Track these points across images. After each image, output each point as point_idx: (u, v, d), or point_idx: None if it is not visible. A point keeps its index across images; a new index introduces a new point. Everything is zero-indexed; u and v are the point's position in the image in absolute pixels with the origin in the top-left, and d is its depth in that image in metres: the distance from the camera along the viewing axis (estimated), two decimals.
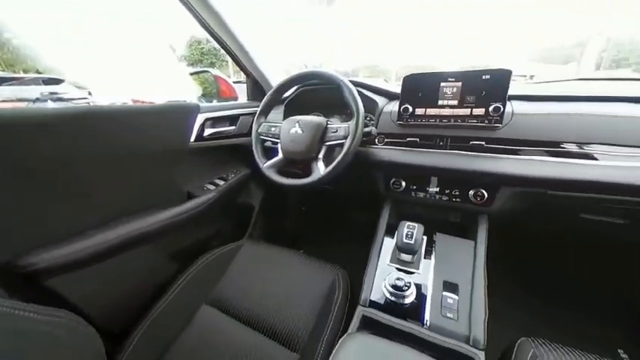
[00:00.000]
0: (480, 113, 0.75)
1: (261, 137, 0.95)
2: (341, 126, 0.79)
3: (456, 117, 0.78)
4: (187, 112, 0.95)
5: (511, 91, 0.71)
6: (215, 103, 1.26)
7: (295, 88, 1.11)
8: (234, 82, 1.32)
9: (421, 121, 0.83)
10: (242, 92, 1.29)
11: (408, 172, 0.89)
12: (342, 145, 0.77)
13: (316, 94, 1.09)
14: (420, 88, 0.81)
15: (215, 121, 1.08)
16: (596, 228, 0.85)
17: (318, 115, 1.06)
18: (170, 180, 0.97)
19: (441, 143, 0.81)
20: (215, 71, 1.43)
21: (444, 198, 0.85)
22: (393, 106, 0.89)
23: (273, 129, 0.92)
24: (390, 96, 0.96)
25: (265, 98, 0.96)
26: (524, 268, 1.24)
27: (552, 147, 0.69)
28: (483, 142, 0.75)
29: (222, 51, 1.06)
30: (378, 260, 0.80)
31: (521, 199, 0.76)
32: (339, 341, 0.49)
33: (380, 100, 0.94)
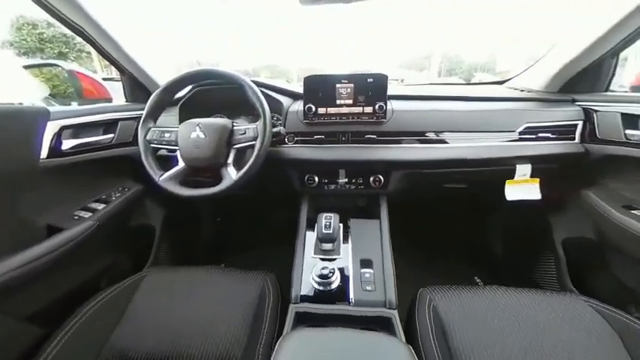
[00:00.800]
0: (370, 111, 0.88)
1: (153, 145, 0.80)
2: (249, 127, 0.76)
3: (353, 114, 0.89)
4: (28, 119, 0.70)
5: (390, 92, 0.87)
6: (76, 106, 0.97)
7: (190, 87, 1.00)
8: (103, 79, 1.05)
9: (324, 119, 0.90)
10: (118, 92, 1.05)
11: (320, 168, 0.95)
12: (252, 147, 0.74)
13: (215, 94, 1.01)
14: (319, 89, 0.88)
15: (79, 130, 0.84)
16: (453, 193, 1.15)
17: (221, 117, 0.98)
18: (14, 213, 0.70)
19: (344, 138, 0.91)
20: (70, 65, 1.10)
21: (352, 187, 0.96)
22: (299, 106, 0.93)
23: (167, 135, 0.79)
24: (293, 96, 0.99)
25: (151, 99, 0.81)
26: (416, 233, 1.55)
27: (420, 136, 0.89)
28: (375, 135, 0.89)
29: (80, 39, 0.83)
30: (303, 255, 0.82)
31: (406, 179, 0.94)
32: (275, 345, 0.48)
33: (284, 100, 0.96)
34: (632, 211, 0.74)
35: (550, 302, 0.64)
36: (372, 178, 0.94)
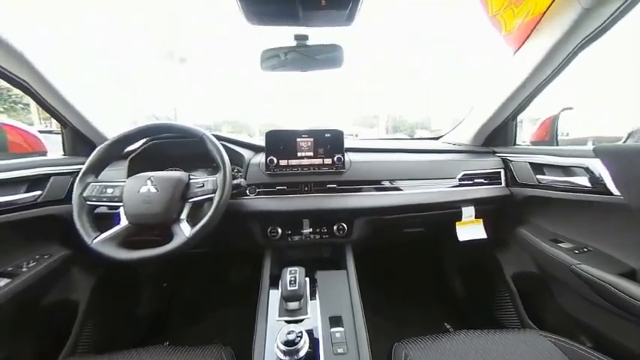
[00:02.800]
0: (329, 162, 0.93)
1: (90, 203, 0.71)
2: (208, 179, 0.74)
3: (313, 166, 0.93)
4: None
5: (346, 145, 0.95)
6: None
7: (144, 141, 0.96)
8: (40, 132, 0.96)
9: (286, 170, 0.92)
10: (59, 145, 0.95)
11: (283, 218, 0.93)
12: (210, 200, 0.71)
13: (170, 148, 0.98)
14: (280, 142, 0.92)
15: None
16: (413, 237, 1.21)
17: (176, 170, 0.94)
18: None
19: (306, 188, 0.93)
20: None
21: (317, 237, 0.95)
22: (260, 158, 0.94)
23: (109, 190, 0.72)
24: (255, 149, 1.01)
25: (96, 152, 0.75)
26: (383, 282, 1.52)
27: (377, 184, 0.95)
28: (336, 185, 0.93)
29: (17, 91, 0.77)
30: (265, 320, 0.73)
31: (369, 226, 0.97)
32: None
33: (246, 153, 0.98)
34: (560, 244, 0.85)
35: (514, 341, 0.65)
36: (336, 227, 0.94)
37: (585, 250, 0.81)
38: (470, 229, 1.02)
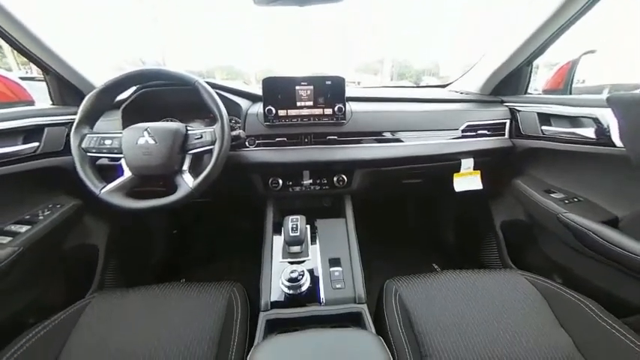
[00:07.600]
0: (330, 112, 0.90)
1: (90, 154, 0.71)
2: (206, 131, 0.72)
3: (313, 116, 0.90)
4: None
5: (348, 94, 0.90)
6: None
7: (134, 89, 0.90)
8: (21, 79, 0.90)
9: (285, 121, 0.89)
10: (43, 93, 0.90)
11: (284, 170, 0.94)
12: (210, 152, 0.70)
13: (163, 96, 0.93)
14: (278, 91, 0.87)
15: None
16: (410, 188, 1.24)
17: (172, 121, 0.91)
18: None
19: (306, 140, 0.91)
20: None
21: (317, 187, 0.97)
22: (258, 108, 0.91)
23: (108, 142, 0.71)
24: (252, 98, 0.97)
25: (86, 101, 0.72)
26: (380, 228, 1.62)
27: (378, 136, 0.94)
28: (336, 136, 0.91)
29: None
30: (270, 261, 0.80)
31: (368, 177, 0.99)
32: (247, 358, 0.46)
33: (243, 103, 0.93)
34: (551, 194, 0.88)
35: (494, 279, 0.73)
36: (335, 178, 0.96)
37: (575, 200, 0.84)
38: (467, 181, 1.05)
